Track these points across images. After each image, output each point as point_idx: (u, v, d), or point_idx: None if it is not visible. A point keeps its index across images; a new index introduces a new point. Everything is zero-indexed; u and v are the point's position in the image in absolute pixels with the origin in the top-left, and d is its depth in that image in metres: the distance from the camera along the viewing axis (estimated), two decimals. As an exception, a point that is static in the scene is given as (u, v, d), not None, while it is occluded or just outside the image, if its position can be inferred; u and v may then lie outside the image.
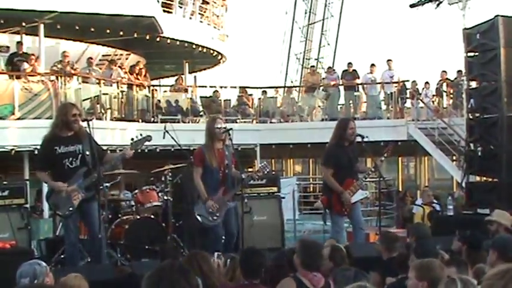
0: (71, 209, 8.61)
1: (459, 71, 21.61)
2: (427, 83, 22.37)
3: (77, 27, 19.91)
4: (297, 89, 27.04)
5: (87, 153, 8.71)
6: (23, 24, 19.08)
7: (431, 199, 14.78)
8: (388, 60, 22.12)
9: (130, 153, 9.19)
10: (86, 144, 8.73)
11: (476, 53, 12.44)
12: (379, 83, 22.00)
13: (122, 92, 19.38)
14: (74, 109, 8.93)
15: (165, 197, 11.10)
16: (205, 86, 23.91)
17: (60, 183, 8.58)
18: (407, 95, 21.85)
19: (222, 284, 5.78)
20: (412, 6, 20.66)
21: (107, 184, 10.56)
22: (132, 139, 9.47)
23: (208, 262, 5.76)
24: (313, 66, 31.52)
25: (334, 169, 10.21)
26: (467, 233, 7.32)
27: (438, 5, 19.90)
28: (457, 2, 17.93)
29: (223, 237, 9.43)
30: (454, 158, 19.80)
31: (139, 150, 9.46)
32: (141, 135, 9.45)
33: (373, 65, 22.15)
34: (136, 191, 11.44)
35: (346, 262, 6.93)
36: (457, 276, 4.37)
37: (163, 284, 3.49)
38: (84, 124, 8.81)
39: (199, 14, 24.48)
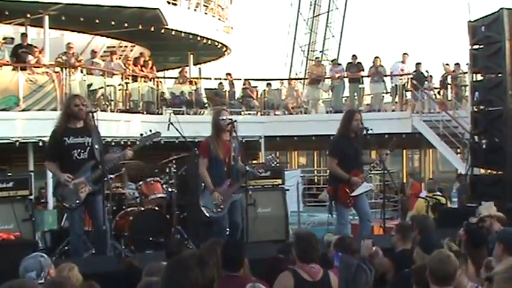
0: (77, 201, 8.62)
1: (456, 64, 21.61)
2: (430, 76, 22.30)
3: (82, 19, 19.93)
4: (302, 81, 26.96)
5: (96, 146, 8.71)
6: (28, 15, 19.10)
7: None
8: (404, 53, 22.01)
9: (130, 155, 9.21)
10: (94, 137, 8.73)
11: (481, 46, 12.42)
12: (388, 75, 22.04)
13: (126, 83, 19.37)
14: (75, 99, 8.91)
15: (170, 189, 11.09)
16: (210, 78, 23.93)
17: (67, 175, 8.57)
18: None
19: None
20: None
21: (111, 176, 10.56)
22: (141, 134, 9.47)
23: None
24: (318, 58, 31.44)
25: (339, 160, 10.21)
26: (473, 225, 7.30)
27: None
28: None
29: (228, 229, 9.42)
30: (459, 150, 19.78)
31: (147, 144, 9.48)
32: (150, 131, 9.46)
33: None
34: (141, 182, 11.44)
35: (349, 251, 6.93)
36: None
37: (179, 267, 3.54)
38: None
39: (204, 5, 24.48)
